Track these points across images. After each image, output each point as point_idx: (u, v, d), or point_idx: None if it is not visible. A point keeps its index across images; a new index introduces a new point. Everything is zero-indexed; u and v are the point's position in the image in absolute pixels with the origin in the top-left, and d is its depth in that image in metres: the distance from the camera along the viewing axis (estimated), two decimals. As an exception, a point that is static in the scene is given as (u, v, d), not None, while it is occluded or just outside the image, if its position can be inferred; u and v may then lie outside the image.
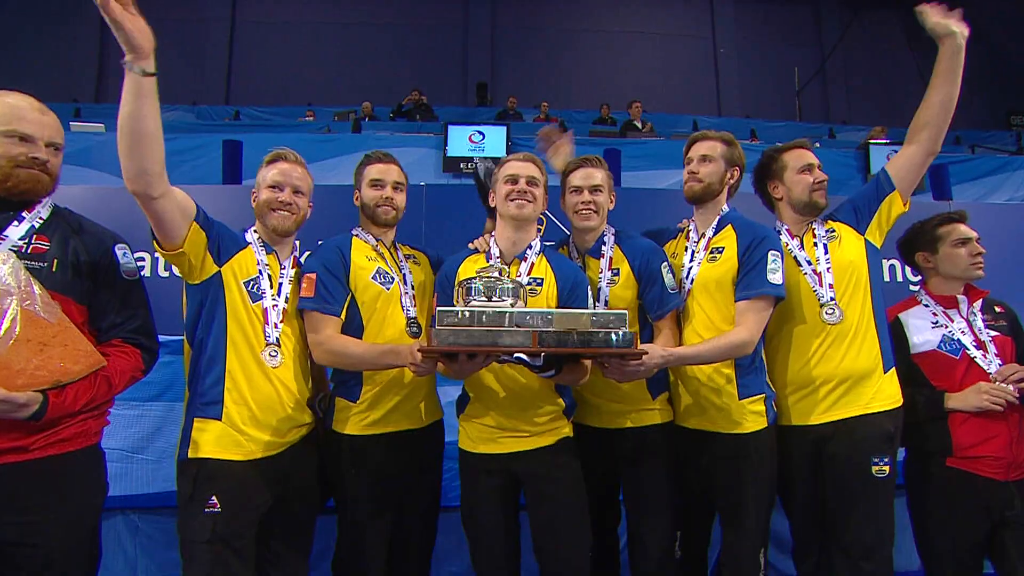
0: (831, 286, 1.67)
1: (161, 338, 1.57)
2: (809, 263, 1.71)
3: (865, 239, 1.74)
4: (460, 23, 12.13)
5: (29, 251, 1.26)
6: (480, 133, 5.49)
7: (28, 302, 1.17)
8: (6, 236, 1.26)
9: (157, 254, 1.48)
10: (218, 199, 3.15)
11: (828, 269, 1.68)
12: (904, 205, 1.75)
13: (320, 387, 1.71)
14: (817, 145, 6.92)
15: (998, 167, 5.59)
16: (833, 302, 1.66)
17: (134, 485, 2.38)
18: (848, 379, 1.64)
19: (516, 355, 1.40)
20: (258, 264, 1.54)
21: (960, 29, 1.63)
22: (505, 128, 5.63)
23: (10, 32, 11.15)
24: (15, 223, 1.28)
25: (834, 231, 1.75)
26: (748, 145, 6.07)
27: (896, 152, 5.90)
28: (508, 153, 5.40)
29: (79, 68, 11.19)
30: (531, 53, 12.05)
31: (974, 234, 1.79)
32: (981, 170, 5.50)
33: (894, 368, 1.68)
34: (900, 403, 1.66)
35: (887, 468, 1.59)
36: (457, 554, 2.43)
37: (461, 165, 5.38)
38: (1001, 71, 12.15)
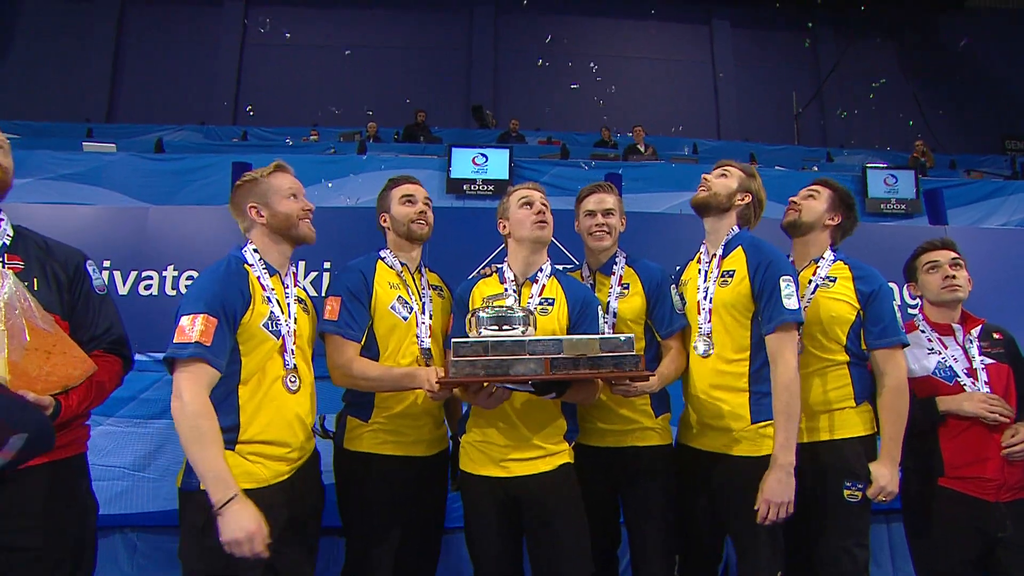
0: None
1: (159, 356, 1.59)
2: None
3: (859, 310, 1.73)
4: (464, 46, 12.44)
5: (5, 270, 1.29)
6: (483, 156, 5.58)
7: (29, 314, 1.25)
8: None
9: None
10: (228, 219, 3.21)
11: (804, 307, 1.71)
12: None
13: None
14: (815, 169, 7.02)
15: (994, 191, 5.65)
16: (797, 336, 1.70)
17: (135, 504, 2.37)
18: (813, 406, 1.68)
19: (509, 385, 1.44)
20: (264, 291, 1.48)
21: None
22: (508, 151, 5.71)
23: (24, 53, 11.45)
24: None
25: (834, 281, 1.74)
26: (747, 168, 6.19)
27: (891, 177, 5.93)
28: (511, 175, 5.52)
29: (91, 89, 11.45)
30: (533, 76, 12.31)
31: (943, 258, 1.81)
32: (977, 194, 5.57)
33: (867, 402, 1.71)
34: (872, 432, 1.69)
35: (859, 493, 1.60)
36: (457, 575, 2.42)
37: (464, 187, 5.47)
38: (996, 97, 12.37)
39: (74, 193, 4.68)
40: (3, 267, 1.29)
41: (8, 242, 1.33)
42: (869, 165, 6.17)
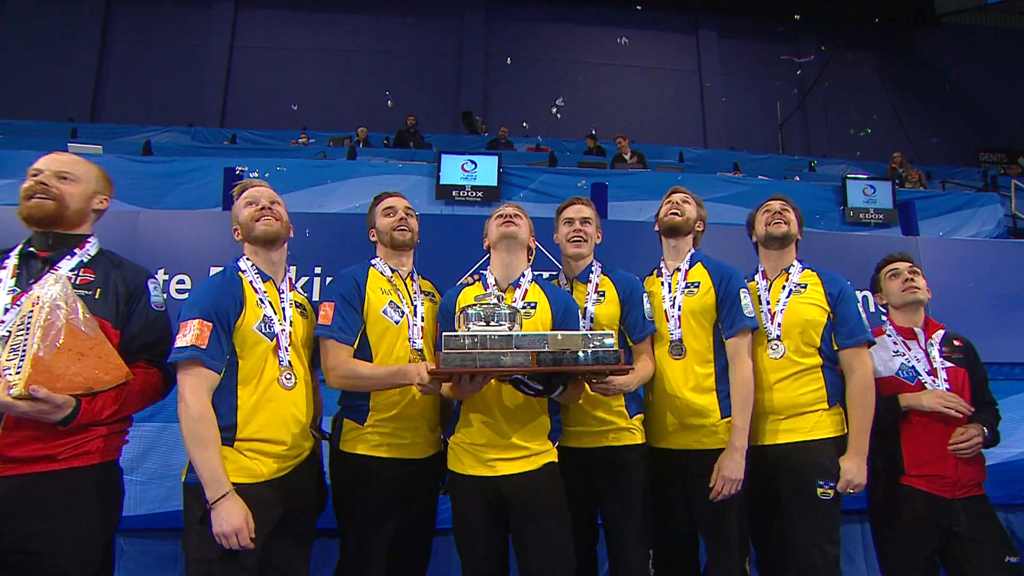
0: (779, 325, 1.85)
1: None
2: (768, 303, 1.90)
3: (830, 312, 1.87)
4: (454, 52, 12.52)
5: (78, 281, 1.44)
6: (472, 162, 5.63)
7: (72, 316, 1.32)
8: (59, 267, 1.45)
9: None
10: (218, 223, 3.23)
11: (781, 310, 1.86)
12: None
13: (318, 412, 1.78)
14: (796, 179, 7.20)
15: (966, 202, 5.86)
16: (777, 339, 1.84)
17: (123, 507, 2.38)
18: (789, 408, 1.80)
19: (515, 379, 1.54)
20: (257, 294, 1.58)
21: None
22: (497, 158, 5.77)
23: (5, 50, 11.27)
24: (68, 257, 1.47)
25: (805, 287, 1.89)
26: (731, 178, 6.34)
27: (870, 188, 6.10)
28: (499, 182, 5.59)
29: (74, 89, 11.30)
30: (523, 83, 12.43)
31: (901, 266, 1.99)
32: (949, 205, 5.77)
33: (839, 404, 1.83)
34: (843, 432, 1.81)
35: (831, 491, 1.72)
36: (448, 576, 2.46)
37: (453, 193, 5.52)
38: (971, 110, 12.77)
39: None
40: (76, 278, 1.42)
41: (87, 260, 1.49)
42: (849, 176, 6.36)
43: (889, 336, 1.96)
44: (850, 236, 3.87)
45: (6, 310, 1.34)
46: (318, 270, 2.87)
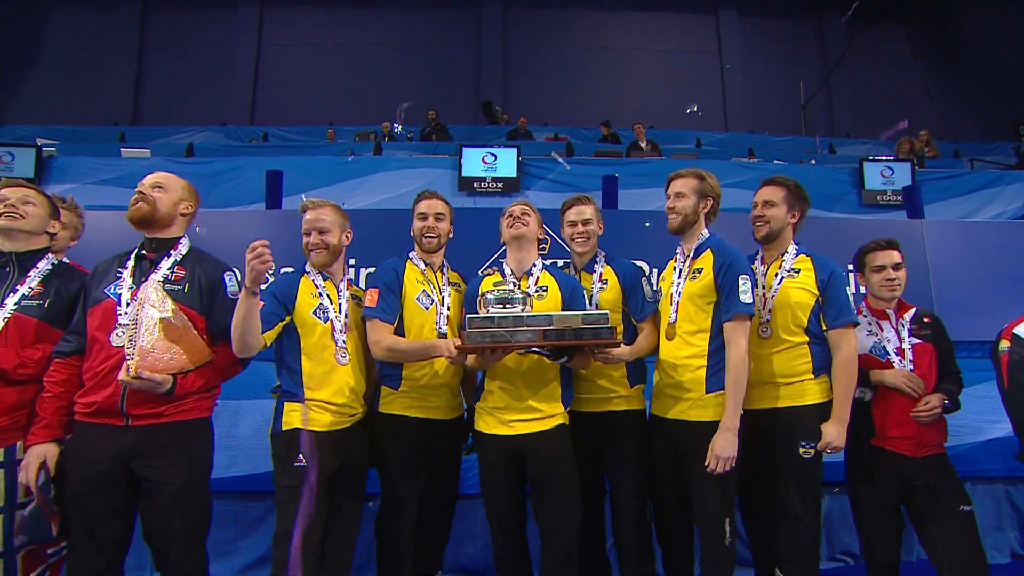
0: (770, 310, 2.03)
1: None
2: (764, 287, 2.07)
3: (818, 296, 2.03)
4: (473, 44, 12.67)
5: (173, 278, 1.81)
6: (492, 155, 5.85)
7: (165, 312, 1.68)
8: (160, 267, 1.81)
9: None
10: (262, 221, 3.55)
11: (772, 296, 2.04)
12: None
13: (371, 384, 2.12)
14: (812, 162, 7.15)
15: (990, 181, 5.75)
16: (767, 322, 2.03)
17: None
18: (779, 377, 2.00)
19: (534, 350, 1.83)
20: (317, 289, 1.98)
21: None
22: (516, 150, 5.96)
23: (52, 61, 11.94)
24: (167, 257, 1.84)
25: (798, 272, 2.04)
26: (746, 163, 6.38)
27: (888, 169, 6.01)
28: (518, 172, 5.80)
29: (117, 94, 11.93)
30: (541, 72, 12.50)
31: (888, 261, 2.11)
32: (973, 184, 5.68)
33: (824, 374, 2.00)
34: (827, 399, 1.99)
35: (812, 451, 1.93)
36: (473, 538, 2.74)
37: (475, 185, 5.75)
38: (1009, 83, 12.23)
39: (115, 197, 5.04)
40: (172, 274, 1.78)
41: (179, 258, 1.83)
42: (868, 158, 6.31)
43: (865, 317, 2.16)
44: (849, 220, 3.96)
45: (128, 304, 1.73)
46: (352, 261, 3.15)
